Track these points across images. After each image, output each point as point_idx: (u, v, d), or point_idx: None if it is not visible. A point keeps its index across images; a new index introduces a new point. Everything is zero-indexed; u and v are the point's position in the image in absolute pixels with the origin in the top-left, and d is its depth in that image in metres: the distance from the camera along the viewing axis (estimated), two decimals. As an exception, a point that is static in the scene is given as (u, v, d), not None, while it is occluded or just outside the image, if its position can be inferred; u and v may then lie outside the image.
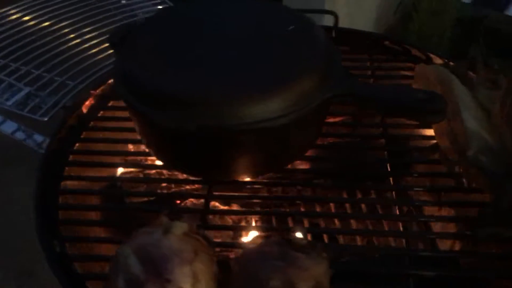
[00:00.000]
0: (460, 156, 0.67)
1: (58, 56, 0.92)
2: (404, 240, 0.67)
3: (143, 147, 0.76)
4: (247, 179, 0.69)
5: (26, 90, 0.83)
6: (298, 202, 0.84)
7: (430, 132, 0.76)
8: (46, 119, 0.77)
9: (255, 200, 0.79)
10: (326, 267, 0.48)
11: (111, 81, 0.84)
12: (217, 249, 0.59)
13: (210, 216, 0.76)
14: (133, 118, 0.69)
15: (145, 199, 0.80)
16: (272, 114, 0.58)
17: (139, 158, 0.81)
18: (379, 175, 0.77)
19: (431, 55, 0.87)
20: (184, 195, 0.82)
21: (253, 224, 0.81)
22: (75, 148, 0.75)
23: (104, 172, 0.77)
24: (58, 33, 1.00)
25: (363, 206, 0.85)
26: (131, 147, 0.83)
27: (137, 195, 0.81)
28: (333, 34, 0.92)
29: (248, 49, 0.66)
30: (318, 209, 0.85)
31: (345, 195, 0.85)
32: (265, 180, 0.71)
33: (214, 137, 0.59)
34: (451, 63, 0.83)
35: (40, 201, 0.65)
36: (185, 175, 0.71)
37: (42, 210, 0.64)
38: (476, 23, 1.90)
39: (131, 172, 0.80)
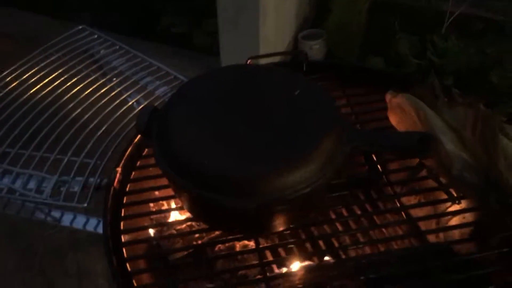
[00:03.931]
0: (446, 173, 0.84)
1: (65, 134, 0.97)
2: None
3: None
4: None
5: (53, 178, 0.88)
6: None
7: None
8: (85, 205, 0.84)
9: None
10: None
11: (128, 152, 0.93)
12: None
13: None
14: (180, 194, 0.78)
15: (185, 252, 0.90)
16: (313, 178, 0.71)
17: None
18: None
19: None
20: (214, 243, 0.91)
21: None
22: (122, 229, 0.83)
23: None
24: (56, 108, 1.04)
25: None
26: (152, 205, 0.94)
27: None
28: (304, 68, 1.07)
29: (273, 120, 0.76)
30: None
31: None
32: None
33: (268, 209, 0.71)
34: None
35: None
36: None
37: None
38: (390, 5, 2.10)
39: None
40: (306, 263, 0.86)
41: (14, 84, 1.09)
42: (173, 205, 0.91)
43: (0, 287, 1.46)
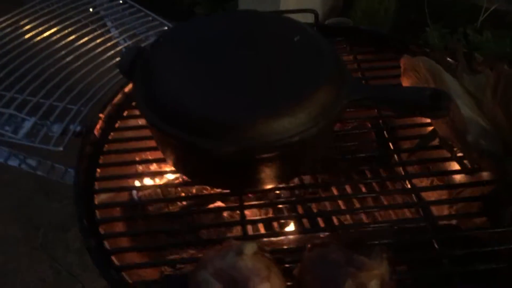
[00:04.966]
0: (461, 141, 0.75)
1: (52, 80, 0.92)
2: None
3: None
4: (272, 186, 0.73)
5: (32, 120, 0.82)
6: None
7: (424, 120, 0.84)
8: (61, 148, 0.78)
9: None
10: (387, 264, 0.54)
11: (115, 101, 0.86)
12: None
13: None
14: (160, 141, 0.71)
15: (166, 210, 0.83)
16: (302, 126, 0.63)
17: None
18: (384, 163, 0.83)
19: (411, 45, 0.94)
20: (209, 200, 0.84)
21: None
22: (97, 175, 0.76)
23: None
24: (47, 54, 0.99)
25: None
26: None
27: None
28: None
29: (265, 65, 0.69)
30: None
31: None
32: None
33: (254, 156, 0.63)
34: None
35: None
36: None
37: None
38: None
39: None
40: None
41: (7, 30, 1.04)
42: (156, 157, 0.84)
43: (5, 259, 1.42)
